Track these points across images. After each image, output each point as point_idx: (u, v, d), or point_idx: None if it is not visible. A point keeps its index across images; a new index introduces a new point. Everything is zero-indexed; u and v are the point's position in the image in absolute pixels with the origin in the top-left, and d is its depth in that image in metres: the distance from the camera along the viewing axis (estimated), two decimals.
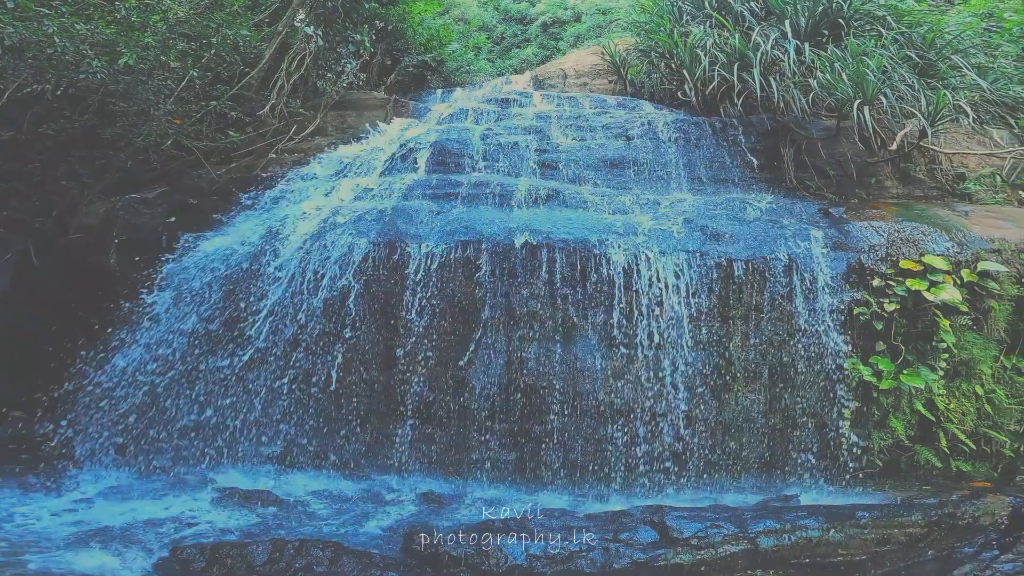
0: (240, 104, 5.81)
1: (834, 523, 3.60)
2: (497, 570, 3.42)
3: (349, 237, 4.37)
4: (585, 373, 4.22)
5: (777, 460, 4.33)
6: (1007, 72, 5.99)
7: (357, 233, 4.39)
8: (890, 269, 4.17)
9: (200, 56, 5.28)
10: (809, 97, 5.36)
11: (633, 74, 8.28)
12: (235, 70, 5.74)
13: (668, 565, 3.44)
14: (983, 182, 5.17)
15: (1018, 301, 4.23)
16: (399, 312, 4.23)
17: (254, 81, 6.05)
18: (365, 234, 4.38)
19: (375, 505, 4.04)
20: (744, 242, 4.41)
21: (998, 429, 4.20)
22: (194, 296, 4.30)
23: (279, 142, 5.95)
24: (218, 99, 5.39)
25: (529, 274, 4.29)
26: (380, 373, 4.27)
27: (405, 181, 5.23)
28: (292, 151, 5.90)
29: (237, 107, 5.71)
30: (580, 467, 4.26)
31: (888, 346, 4.15)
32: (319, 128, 6.48)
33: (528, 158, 5.84)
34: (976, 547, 3.76)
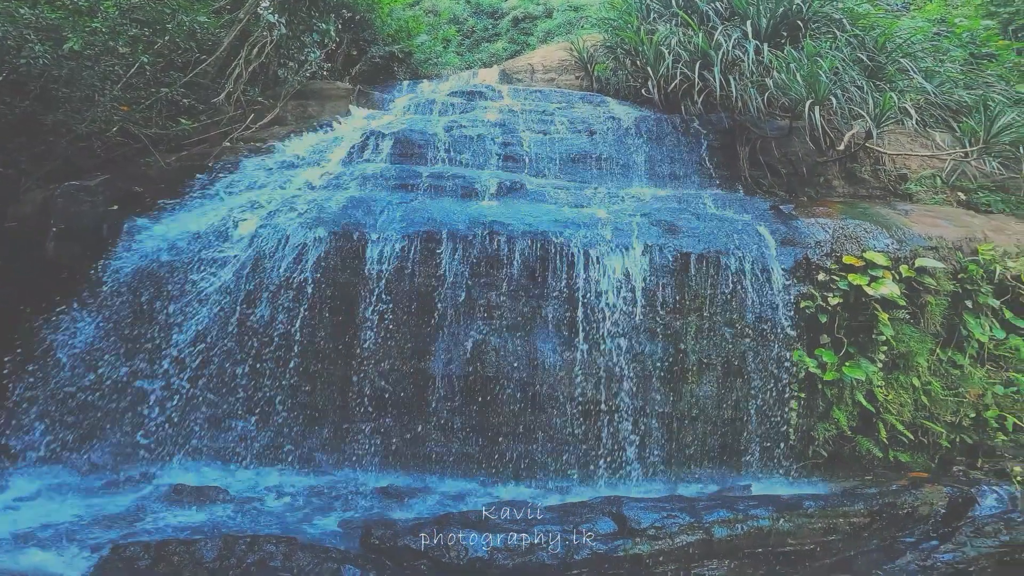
0: (194, 92, 5.60)
1: (783, 513, 3.68)
2: (458, 563, 3.40)
3: (305, 227, 4.25)
4: (545, 365, 4.22)
5: (731, 451, 4.41)
6: (953, 76, 6.21)
7: (313, 223, 4.28)
8: (834, 264, 4.28)
9: (153, 42, 5.07)
10: (765, 96, 5.44)
11: (600, 71, 8.29)
12: (190, 57, 5.53)
13: (627, 555, 3.46)
14: (924, 183, 5.34)
15: (953, 296, 4.38)
16: (357, 304, 4.15)
17: (211, 69, 5.84)
18: (322, 224, 4.27)
19: (333, 500, 3.96)
20: (699, 237, 4.46)
21: (934, 420, 4.33)
22: (136, 286, 4.11)
23: (235, 131, 5.75)
24: (170, 86, 5.19)
25: (489, 266, 4.26)
26: (337, 366, 4.18)
27: (365, 171, 5.12)
28: (249, 140, 5.71)
29: (191, 95, 5.51)
30: (541, 459, 4.27)
31: (832, 339, 4.25)
32: (278, 117, 6.30)
33: (492, 151, 5.80)
34: (917, 537, 3.88)
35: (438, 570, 3.41)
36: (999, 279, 4.39)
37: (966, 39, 6.92)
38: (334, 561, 3.32)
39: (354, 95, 7.17)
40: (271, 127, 6.12)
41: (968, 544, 3.75)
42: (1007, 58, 6.78)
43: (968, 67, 6.47)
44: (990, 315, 4.36)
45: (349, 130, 6.04)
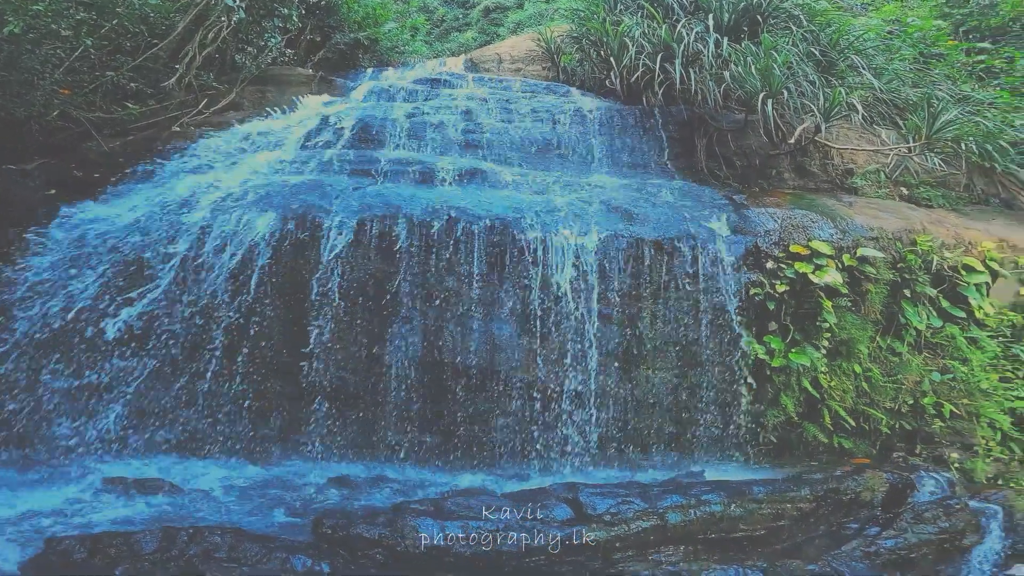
0: (144, 76, 5.39)
1: (734, 498, 3.70)
2: (414, 551, 3.34)
3: (255, 211, 4.11)
4: (503, 351, 4.18)
5: (685, 437, 4.44)
6: (901, 74, 6.39)
7: (265, 207, 4.13)
8: (782, 253, 4.34)
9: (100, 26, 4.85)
10: (722, 88, 5.49)
11: (566, 61, 8.28)
12: (140, 41, 5.31)
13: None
14: (869, 177, 5.46)
15: (892, 285, 4.49)
16: (309, 290, 4.02)
17: (162, 53, 5.61)
18: (274, 208, 4.13)
19: (285, 491, 3.85)
20: (655, 224, 4.47)
21: (875, 406, 4.43)
22: (74, 272, 3.91)
23: (186, 115, 5.55)
24: (116, 70, 5.00)
25: (447, 251, 4.19)
26: (289, 354, 4.05)
27: (322, 156, 4.98)
28: (201, 124, 5.50)
29: (139, 79, 5.31)
30: (500, 447, 4.23)
31: (779, 325, 4.32)
32: (234, 103, 6.08)
33: (453, 138, 5.71)
34: (861, 523, 3.95)
35: (394, 559, 3.35)
36: (936, 269, 4.52)
37: (917, 38, 7.13)
38: (283, 551, 3.24)
39: (315, 81, 7.00)
40: (225, 112, 5.91)
41: (909, 530, 3.83)
42: (955, 58, 7.00)
43: (917, 66, 6.67)
44: (927, 304, 4.50)
45: (307, 116, 5.85)
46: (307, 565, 3.21)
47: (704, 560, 3.54)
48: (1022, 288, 4.84)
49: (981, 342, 4.54)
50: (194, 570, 3.05)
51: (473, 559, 3.39)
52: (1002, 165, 5.49)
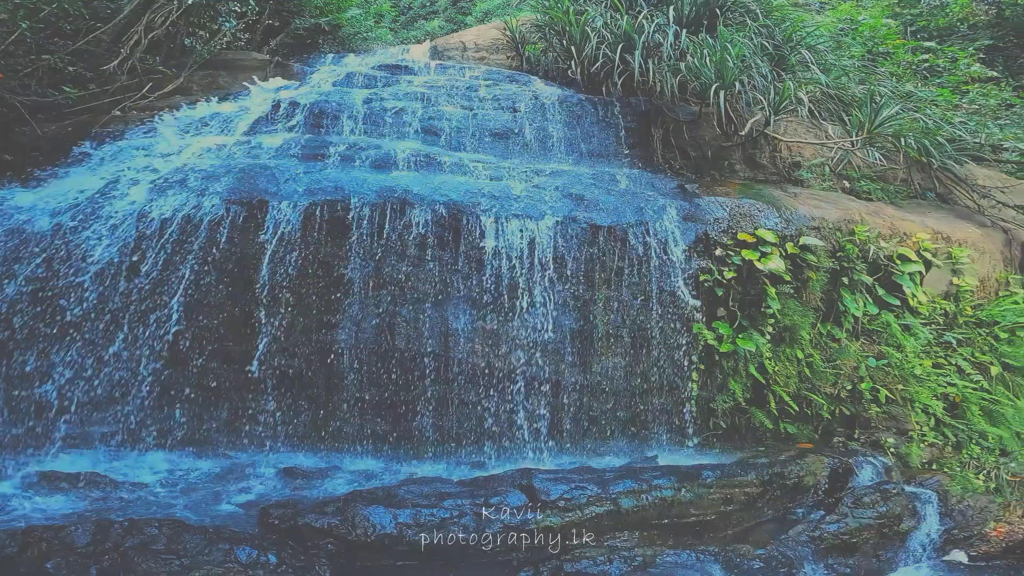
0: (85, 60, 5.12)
1: (684, 483, 3.75)
2: (365, 540, 3.30)
3: (197, 194, 3.94)
4: (457, 337, 4.13)
5: (639, 423, 4.47)
6: (849, 71, 6.59)
7: (208, 191, 3.97)
8: (730, 240, 4.41)
9: (39, 9, 4.62)
10: (677, 79, 5.53)
11: (531, 51, 8.24)
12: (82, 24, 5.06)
13: (539, 528, 3.46)
14: (814, 171, 5.61)
15: (832, 273, 4.62)
16: (256, 275, 3.88)
17: (105, 36, 5.32)
18: (217, 192, 3.97)
19: (233, 483, 3.74)
20: (609, 211, 4.48)
21: (816, 392, 4.54)
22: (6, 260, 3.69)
23: (128, 100, 5.30)
24: (53, 53, 4.76)
25: (400, 236, 4.11)
26: (236, 342, 3.92)
27: (272, 140, 4.82)
28: (145, 109, 5.26)
29: (79, 63, 5.06)
30: (456, 435, 4.19)
31: (727, 311, 4.40)
32: (182, 87, 5.84)
33: (412, 124, 5.60)
34: (806, 508, 4.04)
35: (345, 548, 3.29)
36: (873, 258, 4.66)
37: (867, 37, 7.35)
38: (227, 542, 3.13)
39: (271, 67, 6.79)
40: (172, 96, 5.67)
41: (850, 515, 3.92)
42: (901, 57, 7.24)
43: (865, 63, 6.89)
44: (864, 292, 4.64)
45: (259, 100, 5.68)
46: (252, 556, 3.13)
47: (659, 545, 3.58)
48: (954, 278, 5.05)
49: (914, 329, 4.71)
50: (129, 563, 2.96)
51: (427, 546, 3.36)
52: (939, 161, 5.73)
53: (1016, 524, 4.33)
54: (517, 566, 3.39)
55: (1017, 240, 5.74)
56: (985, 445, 4.81)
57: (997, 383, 4.92)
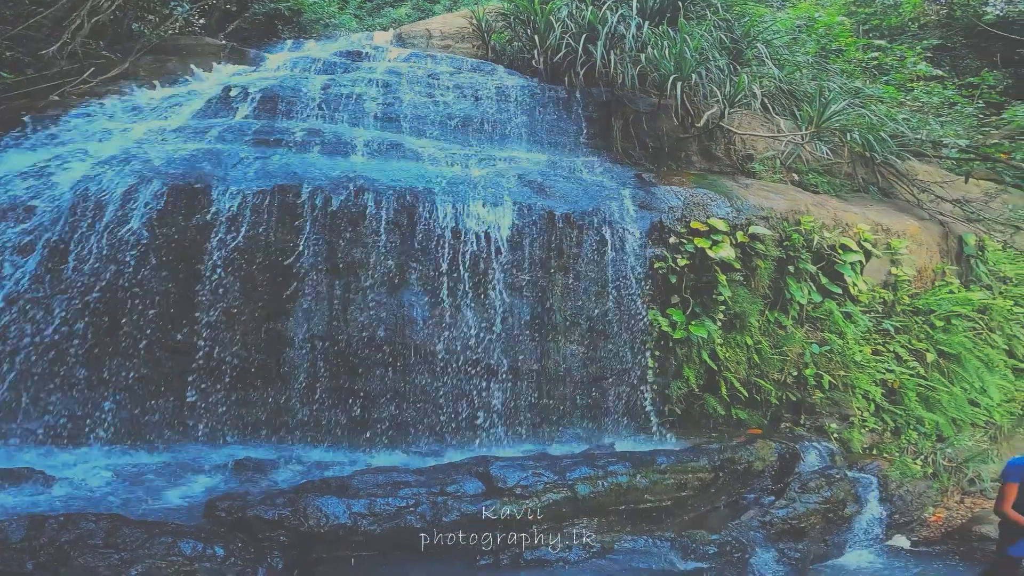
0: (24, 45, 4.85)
1: (639, 468, 3.75)
2: (318, 530, 3.20)
3: (136, 178, 3.75)
4: (414, 324, 4.05)
5: (597, 409, 4.47)
6: (802, 67, 6.73)
7: (147, 174, 3.78)
8: (684, 229, 4.47)
9: None
10: (637, 69, 5.55)
11: (496, 40, 8.14)
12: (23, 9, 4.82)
13: (497, 516, 3.41)
14: (766, 163, 5.72)
15: (779, 262, 4.72)
16: (200, 263, 3.72)
17: (47, 21, 5.05)
18: (158, 175, 3.78)
19: (178, 477, 3.59)
20: (567, 198, 4.47)
21: (764, 378, 4.64)
22: None
23: (67, 84, 5.06)
24: None
25: (355, 221, 3.99)
26: (180, 332, 3.75)
27: (222, 125, 4.63)
28: (87, 94, 5.06)
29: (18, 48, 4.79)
30: (413, 423, 4.11)
31: (680, 299, 4.46)
32: (128, 72, 5.60)
33: (371, 110, 5.47)
34: (757, 493, 4.13)
35: (299, 540, 3.18)
36: (816, 247, 4.79)
37: (822, 33, 7.52)
38: (169, 535, 2.99)
39: (225, 52, 6.52)
40: (116, 81, 5.42)
41: (797, 500, 4.03)
42: (852, 54, 7.44)
43: (818, 59, 7.06)
44: (809, 280, 4.76)
45: (209, 85, 5.48)
46: (198, 549, 3.01)
47: (617, 532, 3.60)
48: (893, 268, 5.23)
49: (855, 317, 4.85)
50: (66, 557, 2.83)
51: (384, 536, 3.30)
52: (881, 155, 5.93)
53: (954, 510, 4.55)
54: (477, 554, 3.37)
55: (953, 233, 6.02)
56: (922, 430, 5.00)
57: (933, 370, 5.13)
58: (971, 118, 6.60)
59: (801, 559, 3.90)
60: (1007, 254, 6.35)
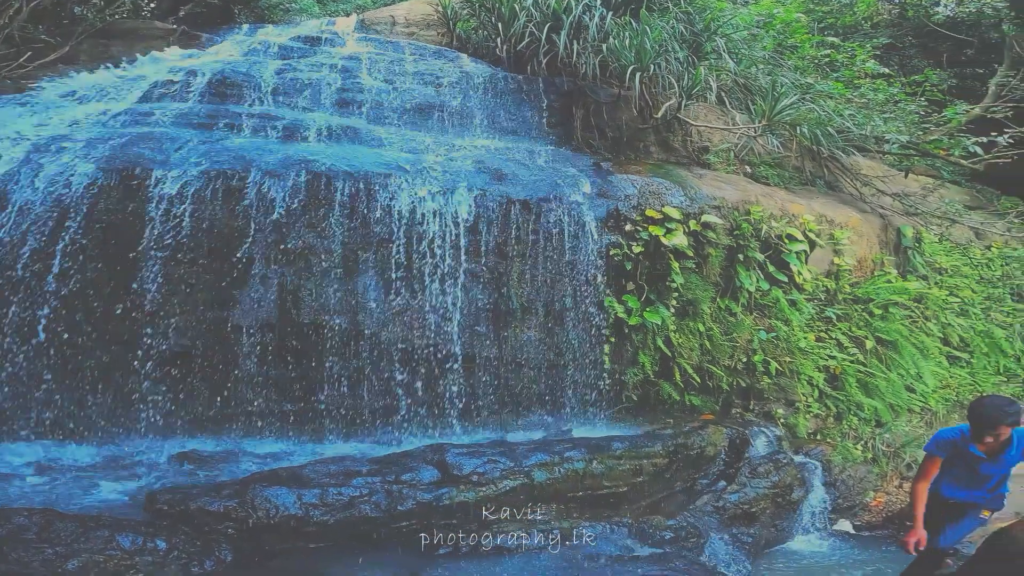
0: None
1: (595, 454, 3.74)
2: (267, 522, 3.09)
3: (70, 162, 3.52)
4: (368, 311, 3.94)
5: (555, 396, 4.45)
6: (758, 62, 6.85)
7: (84, 158, 3.56)
8: (639, 216, 4.46)
9: None
10: (598, 59, 5.53)
11: (462, 28, 8.00)
12: None
13: (454, 504, 3.37)
14: (720, 155, 5.81)
15: (729, 250, 4.78)
16: (139, 248, 3.53)
17: None
18: (95, 159, 3.56)
19: (118, 471, 3.42)
20: (525, 185, 4.41)
21: (716, 364, 4.69)
22: None
23: (3, 69, 4.76)
24: None
25: (305, 206, 3.84)
26: (118, 321, 3.54)
27: (166, 109, 4.43)
28: (23, 78, 4.78)
29: None
30: (368, 412, 4.00)
31: (636, 285, 4.46)
32: (69, 56, 5.33)
33: (327, 96, 5.29)
34: (710, 478, 4.18)
35: (248, 532, 3.05)
36: (764, 237, 4.88)
37: (779, 30, 7.65)
38: (107, 529, 2.84)
39: (175, 36, 6.24)
40: (55, 66, 5.14)
41: (748, 485, 4.10)
42: (806, 51, 7.59)
43: (774, 55, 7.19)
44: (757, 268, 4.84)
45: (154, 68, 5.23)
46: (137, 543, 2.87)
47: (575, 518, 3.60)
48: (835, 258, 5.38)
49: (799, 305, 4.96)
50: None
51: (338, 526, 3.21)
52: (828, 149, 6.08)
53: (893, 494, 4.70)
54: (436, 543, 3.32)
55: (893, 225, 6.25)
56: (862, 416, 5.14)
57: (871, 356, 5.28)
58: (913, 115, 6.84)
59: (753, 544, 3.99)
60: (943, 246, 6.65)
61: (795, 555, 4.16)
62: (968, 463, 2.90)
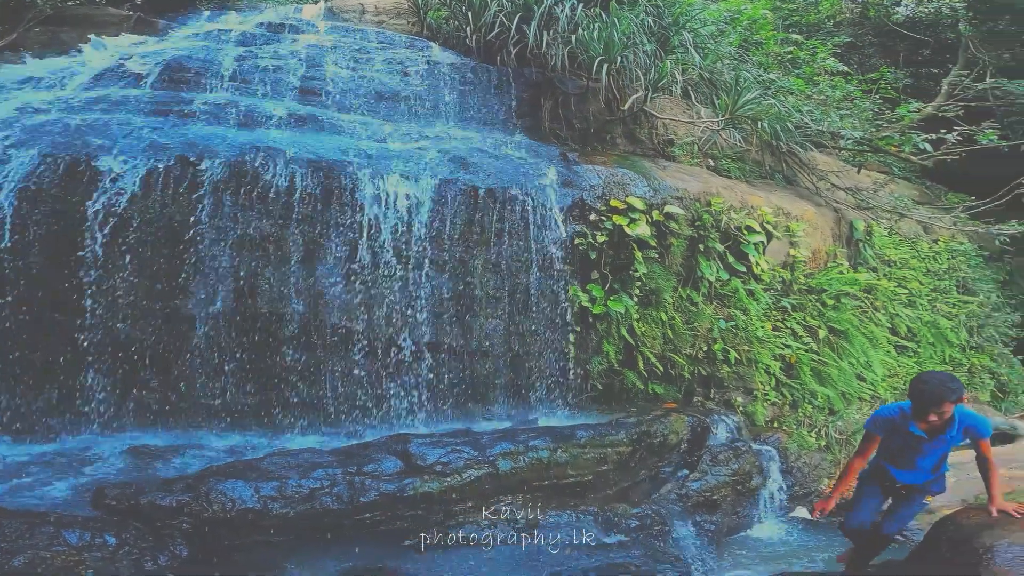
0: None
1: (560, 443, 3.71)
2: (224, 515, 2.97)
3: (10, 145, 3.34)
4: (328, 300, 3.82)
5: (520, 386, 4.41)
6: (723, 57, 6.93)
7: (23, 144, 3.38)
8: (603, 206, 4.45)
9: None
10: (567, 50, 5.50)
11: (433, 17, 7.86)
12: None
13: (418, 494, 3.31)
14: (685, 148, 5.86)
15: (691, 240, 4.82)
16: (84, 238, 3.36)
17: None
18: (34, 145, 3.38)
19: (65, 467, 3.26)
20: (490, 173, 4.35)
21: (678, 353, 4.72)
22: None
23: None
24: None
25: (264, 193, 3.70)
26: (63, 313, 3.36)
27: (115, 95, 4.24)
28: None
29: None
30: (330, 404, 3.89)
31: (600, 274, 4.45)
32: (16, 43, 5.10)
33: (290, 83, 5.11)
34: (673, 466, 4.18)
35: (204, 527, 2.94)
36: (724, 228, 4.93)
37: (746, 26, 7.75)
38: (52, 525, 2.71)
39: (130, 22, 5.98)
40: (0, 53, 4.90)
41: (709, 472, 4.14)
42: (770, 47, 7.71)
43: (740, 50, 7.27)
44: (717, 258, 4.89)
45: (105, 55, 4.99)
46: (85, 539, 2.75)
47: (541, 508, 3.57)
48: (791, 249, 5.48)
49: (757, 294, 5.04)
50: None
51: (299, 519, 3.12)
52: (786, 144, 6.19)
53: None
54: (401, 535, 3.27)
55: (845, 219, 6.43)
56: (816, 404, 5.27)
57: (824, 346, 5.41)
58: (868, 112, 7.03)
59: (716, 531, 4.04)
60: (892, 239, 6.88)
61: (757, 542, 4.24)
62: (908, 443, 2.75)
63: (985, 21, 8.10)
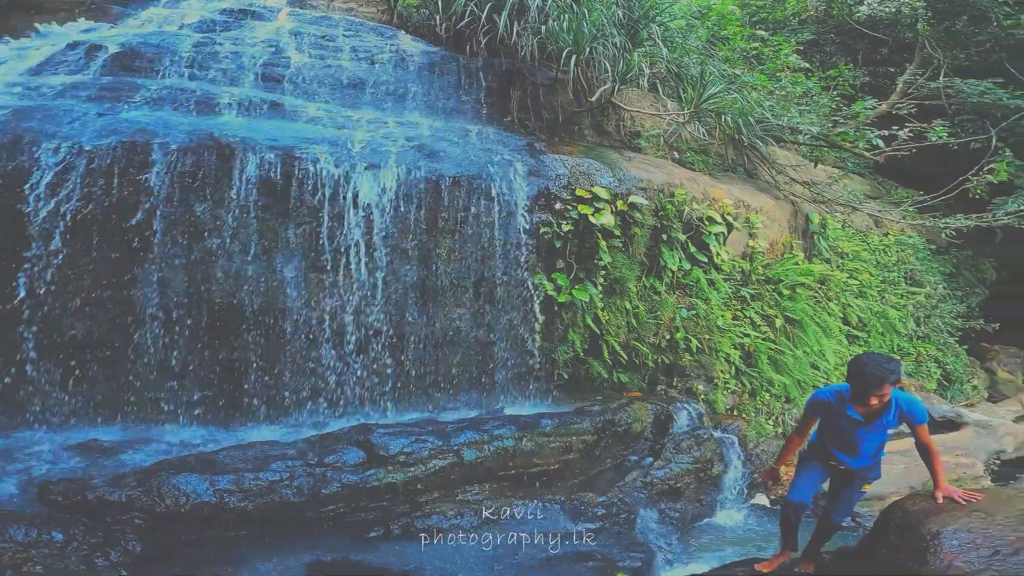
0: None
1: (525, 432, 3.69)
2: (178, 510, 2.89)
3: None
4: (287, 290, 3.70)
5: (486, 375, 4.35)
6: (691, 51, 6.95)
7: None
8: (569, 196, 4.42)
9: None
10: (536, 40, 5.42)
11: (403, 5, 7.67)
12: None
13: (382, 485, 3.25)
14: (651, 140, 5.85)
15: (654, 230, 4.83)
16: (23, 228, 3.18)
17: None
18: None
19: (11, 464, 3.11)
20: (456, 162, 4.26)
21: (642, 341, 4.72)
22: None
23: None
24: None
25: (218, 181, 3.55)
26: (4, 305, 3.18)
27: (64, 82, 4.01)
28: None
29: None
30: (291, 396, 3.78)
31: (565, 263, 4.42)
32: None
33: (250, 69, 4.90)
34: (638, 455, 4.21)
35: (158, 522, 2.84)
36: (687, 218, 4.96)
37: (714, 21, 7.78)
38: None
39: (84, 7, 5.64)
40: None
41: (672, 460, 4.17)
42: (736, 43, 7.76)
43: (707, 45, 7.30)
44: (680, 248, 4.93)
45: (53, 40, 4.73)
46: (31, 535, 2.62)
47: (508, 497, 3.56)
48: (750, 240, 5.56)
49: (718, 284, 5.09)
50: None
51: (258, 513, 3.03)
52: (748, 138, 6.26)
53: None
54: (367, 526, 3.21)
55: (802, 211, 6.56)
56: (773, 392, 5.35)
57: (781, 334, 5.50)
58: (826, 108, 7.16)
59: (680, 519, 4.08)
60: (845, 232, 7.06)
61: (720, 529, 4.30)
62: (844, 427, 2.65)
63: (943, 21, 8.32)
